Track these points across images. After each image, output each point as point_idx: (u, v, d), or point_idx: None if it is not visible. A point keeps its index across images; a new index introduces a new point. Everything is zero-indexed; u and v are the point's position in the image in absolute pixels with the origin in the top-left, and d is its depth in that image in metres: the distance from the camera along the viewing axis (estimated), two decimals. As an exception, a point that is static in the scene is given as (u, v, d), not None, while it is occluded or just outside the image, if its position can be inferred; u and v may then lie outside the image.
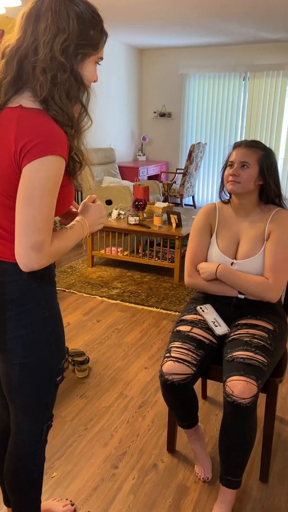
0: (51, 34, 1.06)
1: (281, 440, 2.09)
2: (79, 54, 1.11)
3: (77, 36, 1.09)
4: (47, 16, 1.06)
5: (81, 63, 1.13)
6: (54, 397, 1.33)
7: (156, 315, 3.39)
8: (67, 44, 1.07)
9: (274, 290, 1.74)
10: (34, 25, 1.07)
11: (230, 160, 1.82)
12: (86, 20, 1.10)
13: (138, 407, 2.31)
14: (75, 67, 1.11)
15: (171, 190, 6.40)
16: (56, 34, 1.06)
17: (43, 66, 1.06)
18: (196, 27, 5.38)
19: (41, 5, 1.08)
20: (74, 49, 1.09)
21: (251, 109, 6.66)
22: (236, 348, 1.66)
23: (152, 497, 1.77)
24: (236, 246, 1.86)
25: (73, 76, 1.11)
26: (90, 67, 1.17)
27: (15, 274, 1.17)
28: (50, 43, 1.06)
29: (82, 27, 1.09)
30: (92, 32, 1.12)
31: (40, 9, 1.07)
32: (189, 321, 1.83)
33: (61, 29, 1.06)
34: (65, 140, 1.08)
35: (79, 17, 1.08)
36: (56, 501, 1.70)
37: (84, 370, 2.55)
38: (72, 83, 1.10)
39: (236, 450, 1.60)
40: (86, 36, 1.10)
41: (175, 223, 4.08)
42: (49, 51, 1.06)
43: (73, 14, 1.07)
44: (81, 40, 1.09)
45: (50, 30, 1.06)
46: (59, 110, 1.09)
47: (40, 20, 1.07)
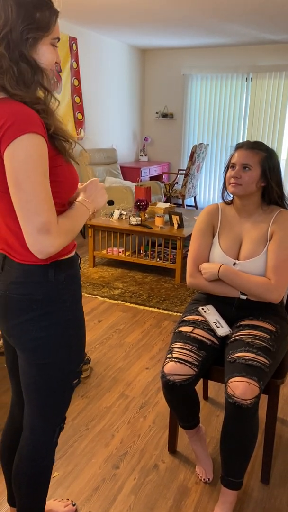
0: None
1: (283, 442, 2.09)
2: (28, 39, 1.08)
3: (22, 21, 1.06)
4: None
5: (33, 47, 1.10)
6: (69, 399, 1.35)
7: (157, 315, 3.39)
8: (6, 31, 1.05)
9: (276, 291, 1.74)
10: None
11: (232, 162, 1.82)
12: (28, 3, 1.07)
13: (139, 407, 2.31)
14: (26, 53, 1.08)
15: (173, 191, 6.40)
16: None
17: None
18: (198, 28, 5.38)
19: None
20: (21, 35, 1.07)
21: (253, 110, 6.66)
22: (238, 349, 1.66)
23: (153, 498, 1.77)
24: (238, 246, 1.86)
25: (25, 62, 1.08)
26: (45, 49, 1.13)
27: (41, 275, 1.18)
28: None
29: (25, 11, 1.06)
30: (38, 14, 1.09)
31: None
32: (191, 321, 1.83)
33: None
34: (36, 117, 1.06)
35: (19, 4, 1.06)
36: (58, 501, 1.70)
37: (86, 370, 2.56)
38: (23, 69, 1.08)
39: (238, 451, 1.60)
40: (33, 19, 1.08)
41: (177, 224, 4.08)
42: None
43: (12, 1, 1.05)
44: (27, 25, 1.07)
45: None
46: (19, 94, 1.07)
47: None
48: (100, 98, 6.24)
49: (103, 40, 6.06)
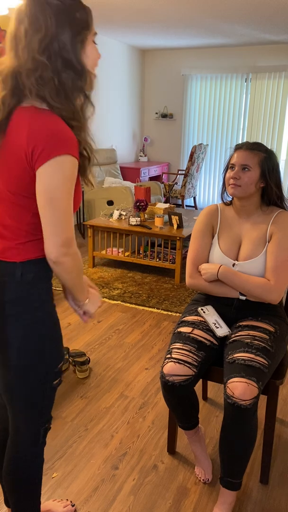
0: (28, 37, 1.05)
1: (282, 442, 2.09)
2: (76, 43, 1.09)
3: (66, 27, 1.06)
4: (24, 22, 1.06)
5: (82, 49, 1.11)
6: (52, 400, 1.33)
7: (157, 316, 3.39)
8: (47, 43, 1.05)
9: (276, 291, 1.74)
10: (18, 36, 1.07)
11: (232, 163, 1.82)
12: (66, 7, 1.07)
13: (138, 408, 2.31)
14: (74, 58, 1.09)
15: (172, 191, 6.41)
16: (32, 35, 1.05)
17: (26, 70, 1.06)
18: (198, 28, 5.39)
19: (21, 15, 1.07)
20: (70, 40, 1.08)
21: (253, 111, 6.66)
22: (237, 350, 1.66)
23: (152, 498, 1.77)
24: (238, 247, 1.86)
25: (73, 69, 1.09)
26: (90, 48, 1.14)
27: (9, 275, 1.18)
28: (27, 46, 1.05)
29: (66, 16, 1.06)
30: (78, 14, 1.09)
31: (22, 21, 1.07)
32: (190, 322, 1.83)
33: (38, 30, 1.05)
34: (74, 139, 1.09)
35: (58, 11, 1.06)
36: (57, 502, 1.70)
37: (85, 371, 2.56)
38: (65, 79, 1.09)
39: (237, 451, 1.60)
40: (75, 22, 1.08)
41: (176, 224, 4.08)
42: (27, 54, 1.05)
43: (50, 10, 1.05)
44: (72, 29, 1.07)
45: (28, 34, 1.05)
46: (58, 106, 1.08)
47: (20, 28, 1.07)
48: (100, 99, 6.21)
49: (103, 40, 6.06)
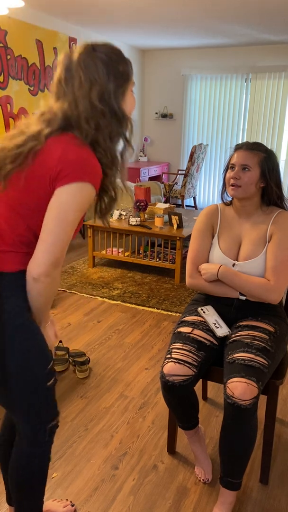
0: (86, 88, 1.16)
1: (282, 442, 2.09)
2: (119, 93, 1.21)
3: (111, 80, 1.18)
4: (78, 73, 1.17)
5: (123, 98, 1.23)
6: (50, 399, 1.33)
7: (156, 316, 3.39)
8: (102, 92, 1.17)
9: (276, 291, 1.74)
10: (70, 84, 1.18)
11: (232, 163, 1.82)
12: (113, 61, 1.20)
13: (138, 408, 2.31)
14: (117, 107, 1.20)
15: (172, 191, 6.41)
16: (90, 86, 1.16)
17: (85, 116, 1.17)
18: (198, 29, 5.38)
19: (70, 63, 1.18)
20: (114, 91, 1.19)
21: (253, 111, 6.66)
22: (237, 350, 1.66)
23: (152, 498, 1.77)
24: (238, 247, 1.86)
25: (115, 117, 1.20)
26: (129, 97, 1.26)
27: None
28: (87, 96, 1.16)
29: (112, 69, 1.19)
30: (121, 67, 1.21)
31: (71, 68, 1.18)
32: (190, 322, 1.83)
33: (93, 81, 1.16)
34: (100, 172, 1.19)
35: (106, 64, 1.18)
36: (57, 502, 1.70)
37: (85, 371, 2.56)
38: (114, 124, 1.20)
39: (237, 451, 1.60)
40: (118, 74, 1.20)
41: (176, 224, 4.08)
42: (88, 103, 1.17)
43: (100, 63, 1.17)
44: (115, 81, 1.19)
45: (84, 85, 1.16)
46: (103, 152, 1.20)
47: (74, 78, 1.17)
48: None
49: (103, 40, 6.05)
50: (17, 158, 1.18)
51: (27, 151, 1.17)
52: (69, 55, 1.20)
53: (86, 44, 1.20)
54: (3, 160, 1.20)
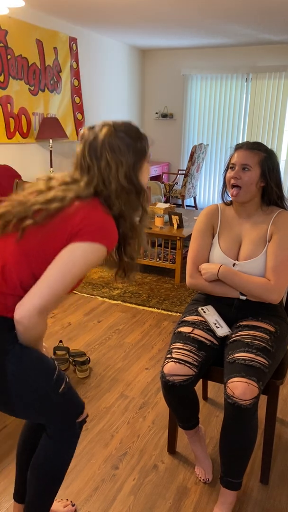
0: (114, 170, 1.26)
1: (282, 442, 2.09)
2: (138, 168, 1.31)
3: (132, 158, 1.28)
4: (104, 154, 1.26)
5: (141, 172, 1.32)
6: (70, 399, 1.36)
7: (157, 316, 3.39)
8: (127, 173, 1.28)
9: (276, 291, 1.74)
10: (96, 163, 1.27)
11: (232, 162, 1.82)
12: (133, 140, 1.29)
13: (138, 408, 2.31)
14: (138, 182, 1.30)
15: (172, 191, 6.41)
16: (117, 168, 1.26)
17: (116, 195, 1.27)
18: (198, 29, 5.38)
19: (95, 143, 1.27)
20: (133, 166, 1.29)
21: (253, 111, 6.66)
22: (237, 350, 1.66)
23: (153, 498, 1.77)
24: (238, 247, 1.86)
25: (136, 191, 1.31)
26: (146, 169, 1.36)
27: None
28: (116, 177, 1.26)
29: (132, 148, 1.29)
30: (139, 144, 1.31)
31: (96, 148, 1.27)
32: (190, 322, 1.83)
33: (118, 163, 1.26)
34: (116, 239, 1.27)
35: (127, 144, 1.28)
36: (57, 502, 1.70)
37: (85, 371, 2.56)
38: (135, 198, 1.31)
39: (237, 451, 1.60)
40: (137, 151, 1.30)
41: (177, 224, 4.08)
42: (118, 183, 1.27)
43: (122, 143, 1.27)
44: (135, 158, 1.29)
45: (112, 166, 1.26)
46: (129, 226, 1.32)
47: (100, 158, 1.26)
48: (100, 98, 6.24)
49: (103, 40, 6.07)
50: (39, 214, 1.24)
51: (52, 211, 1.23)
52: (93, 134, 1.28)
53: (108, 126, 1.28)
54: (24, 213, 1.26)
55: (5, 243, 1.27)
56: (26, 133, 4.89)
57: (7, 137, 4.65)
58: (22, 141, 4.86)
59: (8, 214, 1.28)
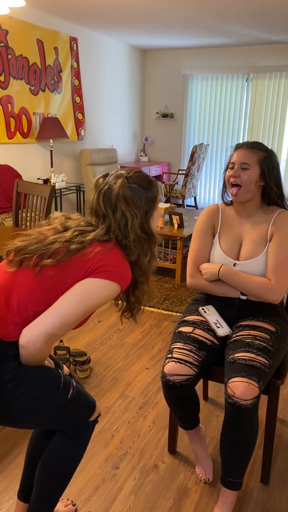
0: (130, 220, 1.32)
1: (282, 442, 2.09)
2: (149, 216, 1.38)
3: (144, 208, 1.35)
4: (119, 205, 1.32)
5: (152, 219, 1.39)
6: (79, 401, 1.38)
7: (157, 315, 3.39)
8: (142, 222, 1.35)
9: (276, 291, 1.74)
10: (112, 215, 1.32)
11: (231, 162, 1.82)
12: (144, 189, 1.35)
13: (139, 407, 2.31)
14: (149, 229, 1.38)
15: (173, 191, 6.40)
16: (133, 219, 1.32)
17: (134, 244, 1.34)
18: (199, 28, 5.38)
19: (110, 196, 1.32)
20: (147, 218, 1.36)
21: (253, 111, 6.66)
22: (238, 350, 1.66)
23: (153, 498, 1.77)
24: (238, 247, 1.86)
25: (148, 238, 1.38)
26: (156, 214, 1.42)
27: None
28: (132, 227, 1.33)
29: (144, 197, 1.35)
30: (150, 193, 1.37)
31: (110, 200, 1.32)
32: (191, 322, 1.83)
33: (133, 214, 1.33)
34: (130, 278, 1.33)
35: (140, 195, 1.34)
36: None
37: (86, 370, 2.56)
38: (146, 244, 1.38)
39: (237, 451, 1.60)
40: (148, 200, 1.36)
41: (177, 224, 4.08)
42: (134, 233, 1.33)
43: (136, 195, 1.33)
44: (147, 206, 1.36)
45: (127, 216, 1.32)
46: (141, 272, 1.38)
47: (116, 211, 1.32)
48: (101, 98, 6.24)
49: (103, 40, 6.07)
50: (59, 253, 1.27)
51: (73, 250, 1.27)
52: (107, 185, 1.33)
53: (122, 178, 1.33)
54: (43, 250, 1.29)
55: (21, 278, 1.29)
56: (26, 133, 4.89)
57: (7, 137, 4.65)
58: (22, 141, 4.86)
59: (26, 250, 1.31)
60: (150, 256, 1.41)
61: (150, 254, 1.41)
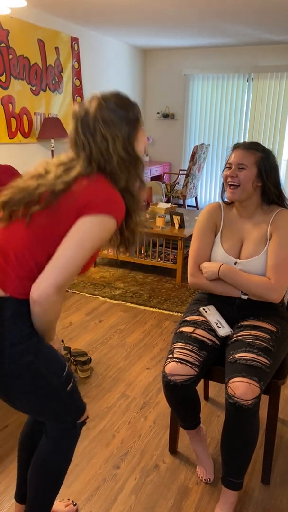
0: (111, 143, 1.24)
1: (283, 442, 2.09)
2: (133, 138, 1.28)
3: (125, 129, 1.25)
4: (98, 128, 1.23)
5: (136, 140, 1.29)
6: (74, 399, 1.37)
7: (158, 315, 3.39)
8: (124, 144, 1.25)
9: (277, 290, 1.74)
10: (92, 140, 1.24)
11: (229, 162, 1.82)
12: (122, 108, 1.26)
13: (140, 407, 2.31)
14: (134, 152, 1.28)
15: (174, 191, 6.40)
16: (114, 140, 1.24)
17: (119, 168, 1.25)
18: (200, 28, 5.38)
19: (87, 120, 1.24)
20: (130, 139, 1.26)
21: (254, 111, 6.66)
22: (239, 350, 1.66)
23: (154, 498, 1.77)
24: (239, 246, 1.86)
25: (134, 161, 1.28)
26: (142, 136, 1.32)
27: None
28: (115, 150, 1.24)
29: (123, 118, 1.25)
30: (131, 114, 1.27)
31: (88, 125, 1.24)
32: (192, 322, 1.83)
33: (114, 135, 1.24)
34: (124, 208, 1.25)
35: (120, 116, 1.25)
36: (58, 501, 1.70)
37: (86, 370, 2.56)
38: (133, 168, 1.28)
39: (238, 451, 1.60)
40: (130, 121, 1.27)
41: (178, 224, 4.08)
42: (118, 157, 1.24)
43: (115, 116, 1.24)
44: (129, 128, 1.26)
45: (108, 139, 1.23)
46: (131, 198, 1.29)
47: (95, 133, 1.23)
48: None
49: (104, 40, 6.07)
50: (45, 198, 1.22)
51: (58, 191, 1.21)
52: (84, 110, 1.25)
53: (97, 98, 1.25)
54: (29, 198, 1.23)
55: (14, 230, 1.25)
56: (27, 133, 4.89)
57: (8, 137, 4.65)
58: (23, 141, 4.86)
59: (12, 202, 1.26)
60: (139, 184, 1.32)
61: (140, 182, 1.32)
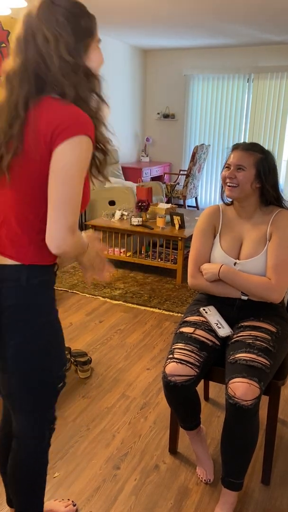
0: (53, 43, 1.09)
1: (283, 443, 2.09)
2: (81, 49, 1.14)
3: (73, 33, 1.11)
4: (41, 28, 1.09)
5: (86, 55, 1.15)
6: (55, 402, 1.34)
7: (158, 316, 3.39)
8: (69, 46, 1.11)
9: (277, 290, 1.74)
10: (32, 41, 1.10)
11: (228, 163, 1.82)
12: (74, 16, 1.12)
13: (140, 408, 2.31)
14: (81, 63, 1.14)
15: (174, 191, 6.40)
16: (57, 40, 1.09)
17: (62, 73, 1.10)
18: (200, 29, 5.38)
19: (30, 20, 1.11)
20: (77, 47, 1.12)
21: (255, 111, 6.66)
22: (239, 350, 1.66)
23: (154, 499, 1.77)
24: (239, 247, 1.86)
25: (84, 72, 1.14)
26: (95, 54, 1.18)
27: (14, 280, 1.17)
28: (57, 51, 1.09)
29: (73, 23, 1.12)
30: (83, 22, 1.14)
31: (31, 25, 1.10)
32: (192, 322, 1.83)
33: (57, 36, 1.09)
34: (91, 122, 1.12)
35: (66, 16, 1.11)
36: (58, 502, 1.70)
37: (87, 371, 2.56)
38: (85, 80, 1.15)
39: (238, 452, 1.60)
40: (80, 28, 1.13)
41: (178, 224, 4.08)
42: (60, 59, 1.10)
43: (61, 16, 1.10)
44: (77, 35, 1.12)
45: (50, 39, 1.09)
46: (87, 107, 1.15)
47: (36, 34, 1.10)
48: (102, 99, 6.23)
49: (104, 40, 6.06)
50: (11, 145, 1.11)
51: (17, 133, 1.10)
52: (28, 10, 1.12)
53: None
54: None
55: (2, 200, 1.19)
56: (28, 133, 4.88)
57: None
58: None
59: None
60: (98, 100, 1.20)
61: (98, 97, 1.20)
